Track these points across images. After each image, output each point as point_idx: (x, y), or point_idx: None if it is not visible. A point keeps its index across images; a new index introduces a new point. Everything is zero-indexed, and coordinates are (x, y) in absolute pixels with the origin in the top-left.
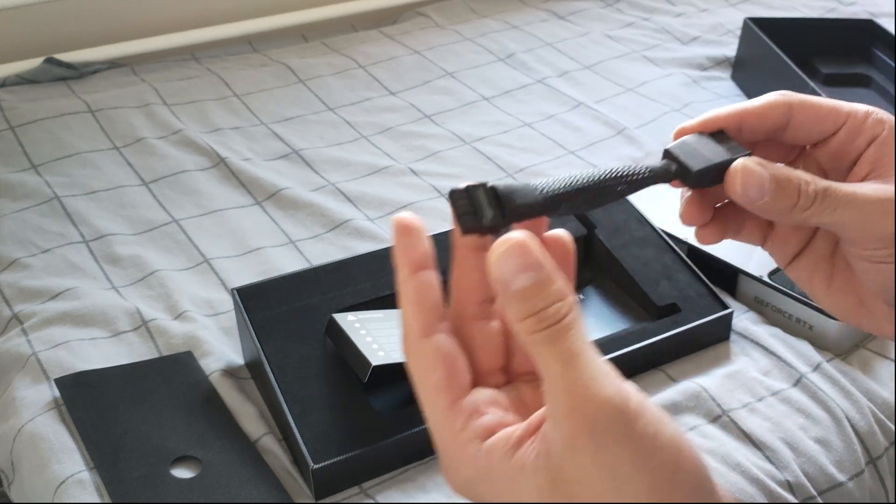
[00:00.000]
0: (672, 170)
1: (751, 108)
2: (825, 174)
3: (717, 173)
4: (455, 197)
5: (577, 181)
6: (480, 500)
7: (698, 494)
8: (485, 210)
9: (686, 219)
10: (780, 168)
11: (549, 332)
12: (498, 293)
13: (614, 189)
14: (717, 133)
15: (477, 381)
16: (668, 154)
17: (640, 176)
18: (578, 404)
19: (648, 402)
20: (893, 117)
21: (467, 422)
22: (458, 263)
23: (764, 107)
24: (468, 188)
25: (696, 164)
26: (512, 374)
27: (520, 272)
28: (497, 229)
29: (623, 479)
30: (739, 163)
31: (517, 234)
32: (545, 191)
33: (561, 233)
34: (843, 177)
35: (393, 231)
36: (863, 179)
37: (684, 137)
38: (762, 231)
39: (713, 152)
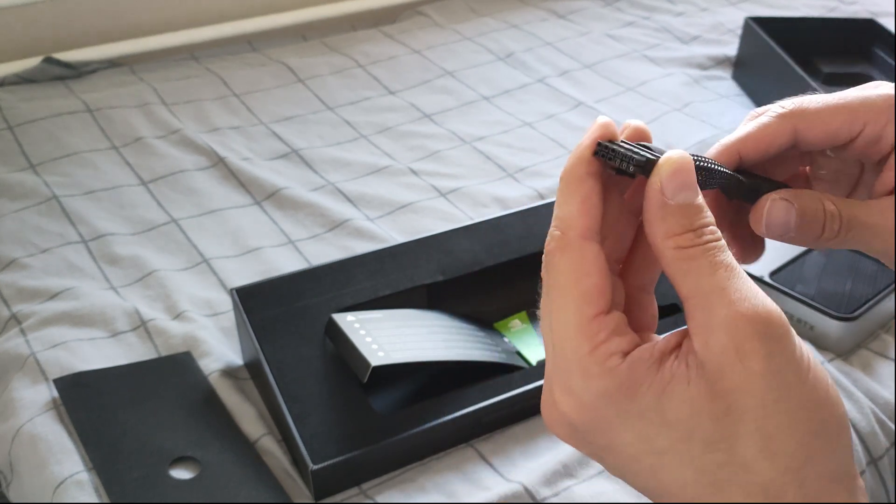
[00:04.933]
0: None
1: (747, 139)
2: (855, 164)
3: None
4: (604, 146)
5: (699, 156)
6: (608, 420)
7: (844, 434)
8: (640, 151)
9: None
10: (808, 201)
11: (708, 247)
12: (653, 206)
13: (723, 179)
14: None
15: None
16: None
17: (737, 182)
18: (746, 312)
19: None
20: None
21: (609, 335)
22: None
23: (762, 136)
24: (610, 142)
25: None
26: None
27: (683, 189)
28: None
29: (788, 389)
30: (766, 200)
31: (682, 154)
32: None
33: None
34: (877, 166)
35: (592, 127)
36: (889, 191)
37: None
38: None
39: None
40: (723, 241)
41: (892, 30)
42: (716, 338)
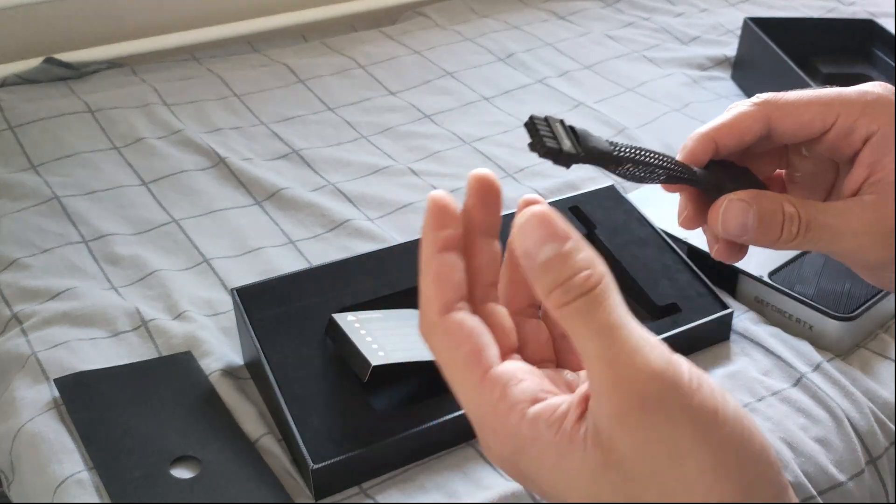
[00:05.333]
0: (711, 181)
1: (722, 128)
2: (828, 163)
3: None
4: (536, 121)
5: (642, 150)
6: (526, 475)
7: (768, 473)
8: (563, 140)
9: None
10: (767, 203)
11: (580, 304)
12: (525, 269)
13: (667, 171)
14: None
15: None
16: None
17: (686, 175)
18: (624, 379)
19: (706, 375)
20: (893, 107)
21: (505, 390)
22: (475, 252)
23: (736, 124)
24: (548, 118)
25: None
26: (560, 364)
27: (543, 243)
28: (569, 162)
29: (683, 456)
30: (724, 200)
31: (538, 207)
32: (615, 144)
33: None
34: (849, 165)
35: (427, 207)
36: (861, 185)
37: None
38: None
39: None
40: (602, 287)
41: (892, 30)
42: (601, 405)
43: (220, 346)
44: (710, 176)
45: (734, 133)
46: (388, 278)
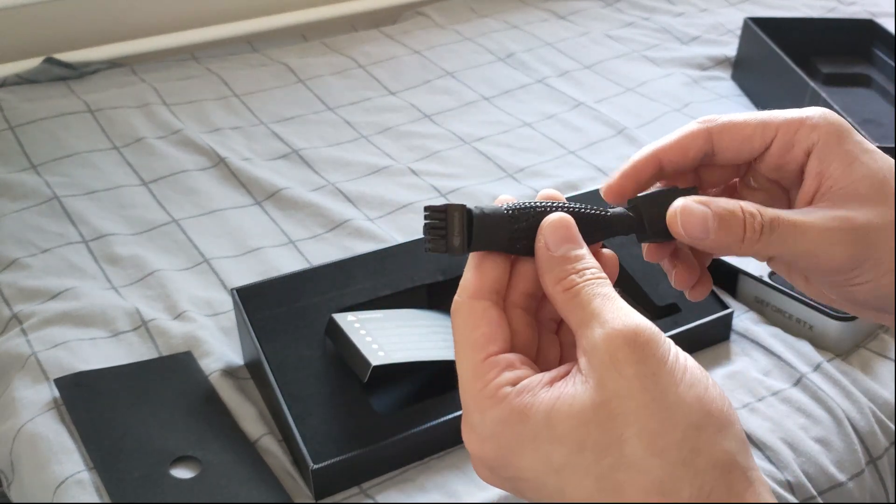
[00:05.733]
0: (629, 220)
1: (666, 146)
2: (779, 186)
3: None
4: (430, 214)
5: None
6: (506, 453)
7: (730, 427)
8: (454, 237)
9: (680, 282)
10: (724, 203)
11: (588, 283)
12: (541, 260)
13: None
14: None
15: None
16: (631, 204)
17: (602, 222)
18: (617, 326)
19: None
20: (833, 119)
21: (500, 372)
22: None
23: (679, 141)
24: (448, 208)
25: (650, 215)
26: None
27: (563, 243)
28: (458, 255)
29: (664, 388)
30: (678, 203)
31: (564, 214)
32: (515, 229)
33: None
34: (796, 188)
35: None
36: (813, 197)
37: (650, 190)
38: None
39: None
40: (605, 279)
41: (892, 30)
42: (594, 353)
43: (220, 346)
44: (636, 210)
45: (676, 149)
46: (388, 278)
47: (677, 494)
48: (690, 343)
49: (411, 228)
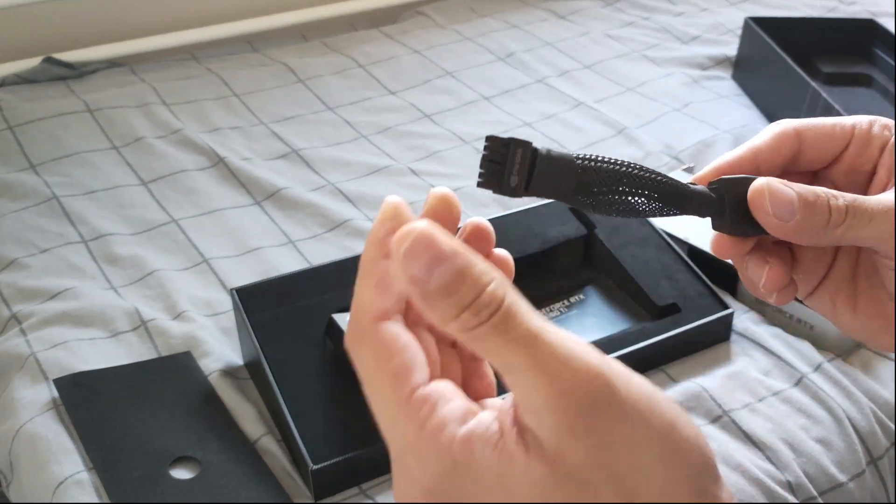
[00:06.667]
0: (709, 199)
1: (762, 145)
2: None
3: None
4: (491, 146)
5: (622, 180)
6: (456, 500)
7: (706, 452)
8: (512, 175)
9: (772, 282)
10: (805, 186)
11: (495, 321)
12: (415, 298)
13: (649, 207)
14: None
15: None
16: (712, 186)
17: (682, 195)
18: (564, 387)
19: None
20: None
21: (434, 409)
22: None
23: (774, 140)
24: (511, 142)
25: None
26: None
27: (434, 266)
28: (514, 195)
29: (638, 450)
30: (762, 181)
31: (417, 224)
32: (583, 180)
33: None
34: (864, 190)
35: (382, 208)
36: (885, 188)
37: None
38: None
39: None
40: (510, 298)
41: (892, 30)
42: (545, 420)
43: (220, 346)
44: (718, 194)
45: (772, 148)
46: None
47: None
48: (691, 343)
49: None
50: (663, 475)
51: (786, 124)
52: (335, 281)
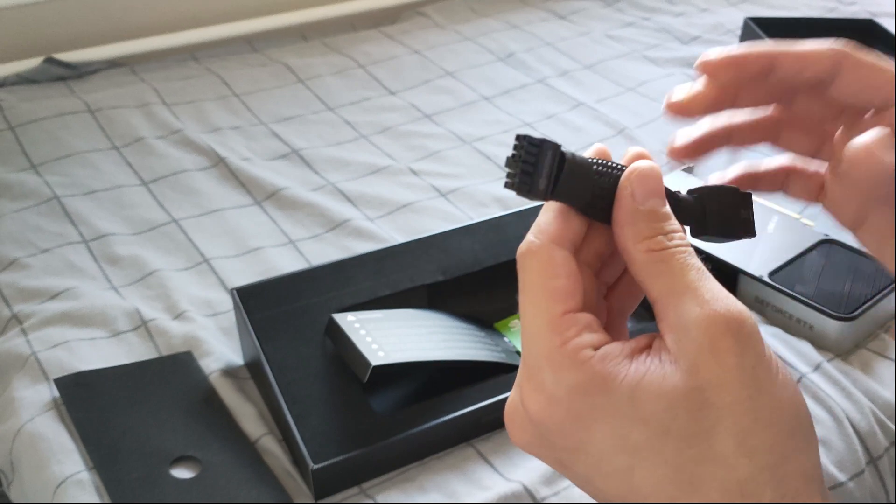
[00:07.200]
0: (692, 210)
1: (790, 53)
2: (833, 111)
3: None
4: (522, 146)
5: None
6: (579, 416)
7: (814, 437)
8: (539, 178)
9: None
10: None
11: (679, 250)
12: (624, 210)
13: None
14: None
15: None
16: (692, 194)
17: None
18: (719, 309)
19: None
20: None
21: (580, 331)
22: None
23: (806, 54)
24: (542, 144)
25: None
26: None
27: (651, 195)
28: (538, 199)
29: (761, 387)
30: (872, 131)
31: (651, 163)
32: (598, 187)
33: None
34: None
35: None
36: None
37: (708, 184)
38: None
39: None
40: (691, 247)
41: (892, 30)
42: (690, 335)
43: (220, 346)
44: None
45: (799, 58)
46: (388, 278)
47: (758, 497)
48: None
49: (411, 228)
50: (780, 427)
51: (831, 46)
52: (335, 281)
